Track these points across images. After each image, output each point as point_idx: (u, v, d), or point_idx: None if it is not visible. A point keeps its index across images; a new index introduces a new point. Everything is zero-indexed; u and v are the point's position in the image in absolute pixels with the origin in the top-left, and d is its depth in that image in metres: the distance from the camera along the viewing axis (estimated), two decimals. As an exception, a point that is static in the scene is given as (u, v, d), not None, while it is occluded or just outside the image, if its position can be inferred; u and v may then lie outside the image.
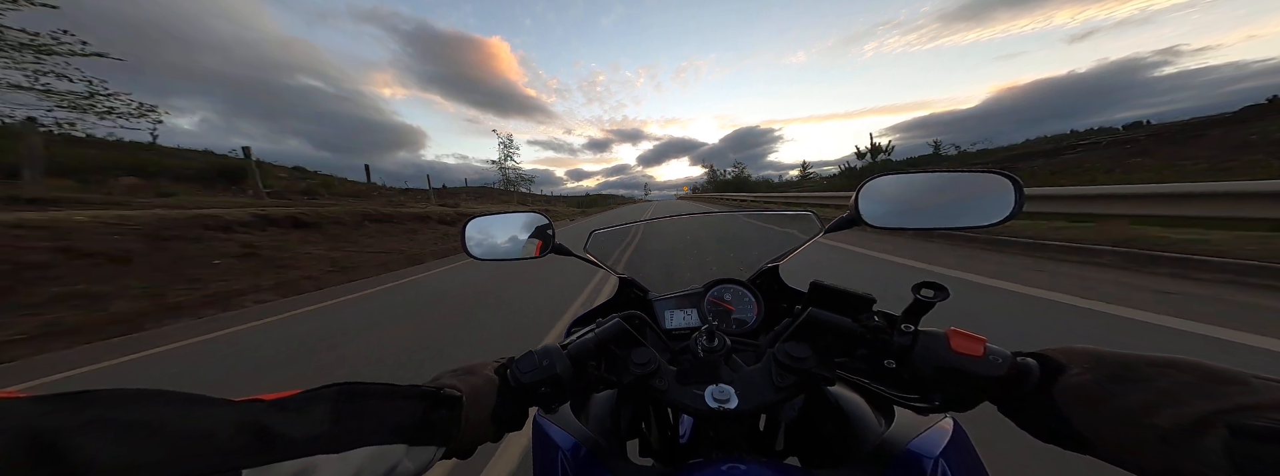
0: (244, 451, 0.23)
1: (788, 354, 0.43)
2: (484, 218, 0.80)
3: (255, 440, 0.24)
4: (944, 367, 0.37)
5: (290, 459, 0.24)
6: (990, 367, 0.36)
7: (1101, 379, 0.29)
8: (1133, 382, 0.28)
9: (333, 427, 0.27)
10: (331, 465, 0.26)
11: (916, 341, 0.40)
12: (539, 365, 0.43)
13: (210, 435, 0.22)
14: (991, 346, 0.37)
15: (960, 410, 0.39)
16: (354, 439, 0.28)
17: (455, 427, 0.36)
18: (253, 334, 3.79)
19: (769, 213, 0.99)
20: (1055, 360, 0.33)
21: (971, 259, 4.75)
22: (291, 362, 2.96)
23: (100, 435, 0.19)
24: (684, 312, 0.73)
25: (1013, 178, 0.49)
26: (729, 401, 0.43)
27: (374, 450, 0.29)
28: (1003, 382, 0.36)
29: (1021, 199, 0.49)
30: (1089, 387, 0.30)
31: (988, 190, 0.51)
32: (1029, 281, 3.57)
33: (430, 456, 0.34)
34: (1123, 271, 3.76)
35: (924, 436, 0.43)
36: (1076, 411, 0.30)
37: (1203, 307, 2.69)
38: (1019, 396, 0.35)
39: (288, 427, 0.25)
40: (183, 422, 0.22)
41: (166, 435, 0.21)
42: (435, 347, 3.03)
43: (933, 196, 0.57)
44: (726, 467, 0.38)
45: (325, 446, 0.26)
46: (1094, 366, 0.31)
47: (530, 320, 3.54)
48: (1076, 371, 0.31)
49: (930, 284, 0.40)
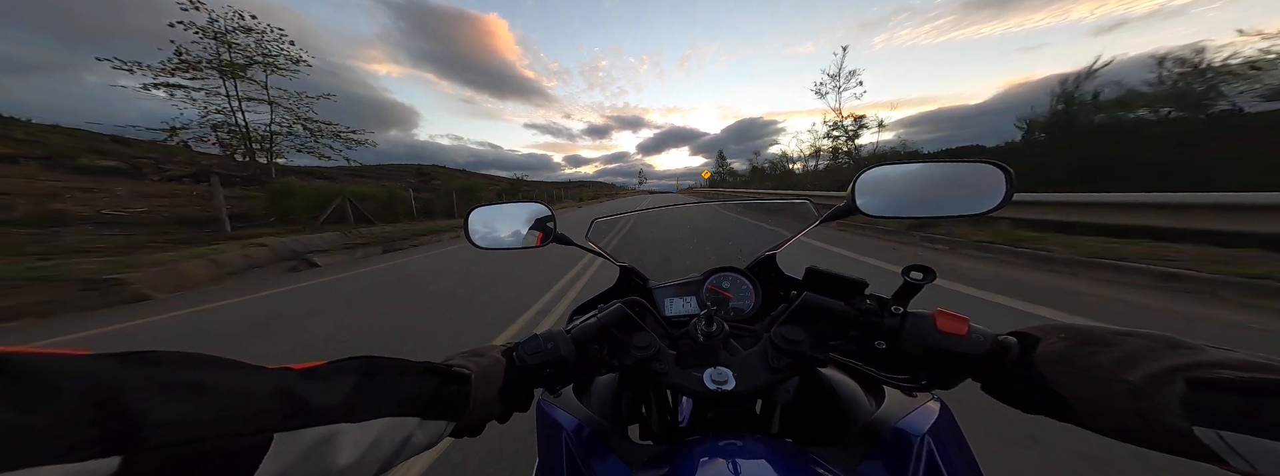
0: (277, 414, 0.24)
1: (783, 337, 0.45)
2: (486, 207, 0.82)
3: (288, 405, 0.25)
4: (931, 347, 0.39)
5: (317, 425, 0.26)
6: (974, 345, 0.38)
7: (1074, 345, 0.33)
8: (1103, 346, 0.31)
9: (355, 398, 0.29)
10: (353, 433, 0.27)
11: (905, 322, 0.41)
12: (544, 347, 0.45)
13: (251, 397, 0.23)
14: (975, 325, 0.39)
15: (945, 388, 0.41)
16: (373, 410, 0.29)
17: (465, 404, 0.38)
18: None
19: (767, 201, 1.01)
20: (1032, 335, 0.36)
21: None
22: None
23: (159, 393, 0.20)
24: (683, 300, 0.75)
25: (1004, 167, 0.51)
26: (727, 383, 0.45)
27: (391, 421, 0.30)
28: (986, 359, 0.38)
29: (1012, 188, 0.50)
30: (1065, 352, 0.33)
31: (980, 179, 0.53)
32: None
33: (441, 430, 0.36)
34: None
35: (912, 416, 0.45)
36: (1055, 375, 0.32)
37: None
38: (1002, 371, 0.37)
39: (316, 396, 0.27)
40: (229, 384, 0.23)
41: (214, 395, 0.22)
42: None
43: (927, 186, 0.58)
44: (723, 444, 0.40)
45: (347, 415, 0.28)
46: (1067, 336, 0.34)
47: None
48: (1051, 341, 0.34)
49: (919, 267, 0.41)
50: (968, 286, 3.50)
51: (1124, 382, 0.28)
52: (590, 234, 0.86)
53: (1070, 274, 3.86)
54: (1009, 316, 2.79)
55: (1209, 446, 0.24)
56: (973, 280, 3.71)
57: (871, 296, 0.45)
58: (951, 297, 3.22)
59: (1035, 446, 1.41)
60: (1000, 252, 4.73)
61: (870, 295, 0.46)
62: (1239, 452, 0.23)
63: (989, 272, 4.03)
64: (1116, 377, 0.29)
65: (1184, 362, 0.27)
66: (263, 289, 5.36)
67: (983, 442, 1.42)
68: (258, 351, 3.00)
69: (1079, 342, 0.33)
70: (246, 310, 4.24)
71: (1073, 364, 0.32)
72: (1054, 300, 3.06)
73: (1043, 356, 0.34)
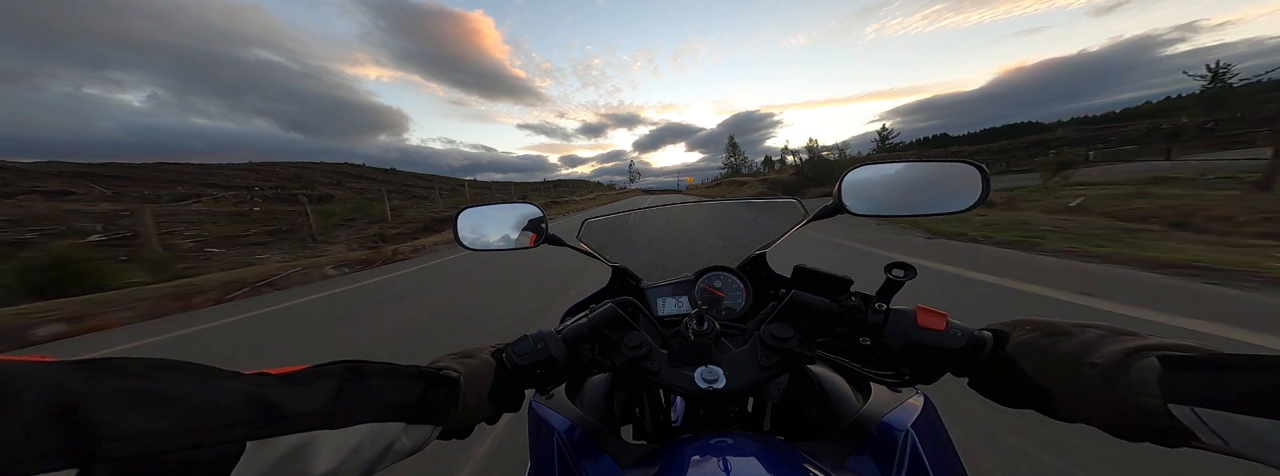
0: (251, 424, 0.23)
1: (772, 334, 0.46)
2: (476, 208, 0.80)
3: (262, 413, 0.24)
4: (912, 342, 0.40)
5: (293, 433, 0.25)
6: (952, 340, 0.39)
7: (1042, 335, 0.35)
8: (1065, 335, 0.34)
9: (334, 403, 0.28)
10: (331, 440, 0.27)
11: (888, 319, 0.42)
12: (534, 348, 0.45)
13: (221, 408, 0.23)
14: (953, 321, 0.40)
15: (927, 382, 0.42)
16: (354, 415, 0.29)
17: (453, 407, 0.37)
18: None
19: (755, 200, 1.02)
20: (1002, 330, 0.38)
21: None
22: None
23: (120, 402, 0.20)
24: (676, 300, 0.75)
25: (980, 167, 0.52)
26: (717, 381, 0.45)
27: (372, 427, 0.30)
28: (964, 353, 0.39)
29: (988, 186, 0.52)
30: (1034, 342, 0.35)
31: (959, 179, 0.54)
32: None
33: (427, 435, 0.35)
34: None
35: (897, 411, 0.46)
36: (1029, 363, 0.34)
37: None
38: (979, 364, 0.38)
39: (292, 402, 0.26)
40: (197, 394, 0.22)
41: (181, 406, 0.21)
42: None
43: (909, 185, 0.60)
44: (714, 441, 0.40)
45: (326, 422, 0.27)
46: (1033, 328, 0.37)
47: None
48: (1021, 333, 0.37)
49: (900, 264, 0.42)
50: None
51: (1093, 366, 0.30)
52: (582, 234, 0.85)
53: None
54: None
55: (1183, 423, 0.25)
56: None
57: (857, 293, 0.46)
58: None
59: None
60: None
61: (855, 292, 0.46)
62: (1212, 428, 0.24)
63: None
64: (1084, 362, 0.31)
65: (1140, 345, 0.29)
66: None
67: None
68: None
69: (1045, 333, 0.35)
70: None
71: (1043, 352, 0.34)
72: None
73: (1015, 347, 0.36)
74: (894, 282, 0.42)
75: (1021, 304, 2.81)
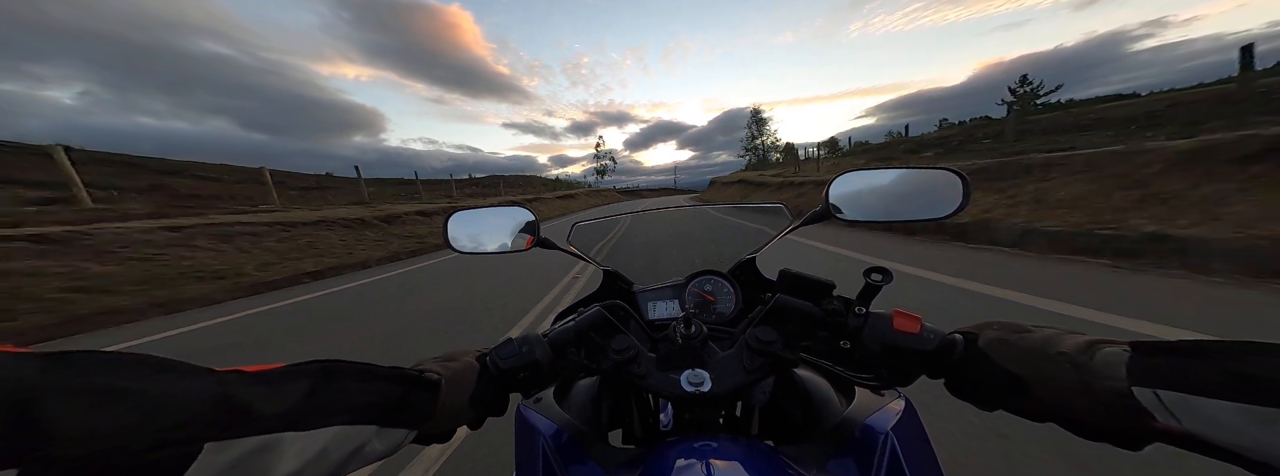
0: (212, 424, 0.22)
1: (757, 338, 0.46)
2: (467, 211, 0.80)
3: (225, 413, 0.23)
4: (889, 345, 0.41)
5: (256, 434, 0.24)
6: (926, 342, 0.40)
7: (1009, 333, 0.38)
8: (1028, 333, 0.37)
9: (303, 404, 0.27)
10: (297, 442, 0.26)
11: (866, 322, 0.43)
12: (519, 351, 0.45)
13: (182, 406, 0.22)
14: (927, 324, 0.41)
15: (904, 384, 0.43)
16: (323, 417, 0.28)
17: (430, 411, 0.36)
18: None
19: (742, 206, 1.03)
20: (972, 331, 0.40)
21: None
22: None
23: (70, 399, 0.19)
24: (666, 304, 0.75)
25: (961, 174, 0.53)
26: (703, 385, 0.45)
27: (342, 429, 0.29)
28: (937, 355, 0.40)
29: (969, 193, 0.53)
30: (1003, 338, 0.37)
31: (941, 185, 0.55)
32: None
33: (401, 438, 0.34)
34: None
35: (878, 414, 0.47)
36: (1000, 354, 0.36)
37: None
38: (953, 365, 0.39)
39: (260, 402, 0.25)
40: (157, 391, 0.21)
41: (137, 401, 0.20)
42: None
43: (895, 191, 0.61)
44: (698, 444, 0.40)
45: (293, 423, 0.26)
46: (999, 328, 0.39)
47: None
48: (989, 333, 0.39)
49: (878, 269, 0.43)
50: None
51: (1061, 354, 0.32)
52: (572, 238, 0.86)
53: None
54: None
55: (1144, 405, 0.27)
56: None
57: (838, 297, 0.47)
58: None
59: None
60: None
61: (837, 296, 0.47)
62: (1169, 409, 0.26)
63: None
64: (1052, 352, 0.33)
65: (1103, 338, 0.32)
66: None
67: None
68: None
69: (1012, 330, 0.38)
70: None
71: (1012, 346, 0.36)
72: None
73: (986, 343, 0.38)
74: (872, 287, 0.43)
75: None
